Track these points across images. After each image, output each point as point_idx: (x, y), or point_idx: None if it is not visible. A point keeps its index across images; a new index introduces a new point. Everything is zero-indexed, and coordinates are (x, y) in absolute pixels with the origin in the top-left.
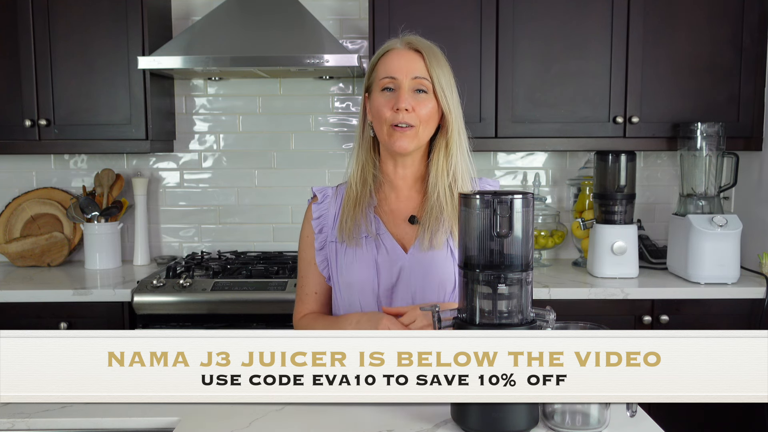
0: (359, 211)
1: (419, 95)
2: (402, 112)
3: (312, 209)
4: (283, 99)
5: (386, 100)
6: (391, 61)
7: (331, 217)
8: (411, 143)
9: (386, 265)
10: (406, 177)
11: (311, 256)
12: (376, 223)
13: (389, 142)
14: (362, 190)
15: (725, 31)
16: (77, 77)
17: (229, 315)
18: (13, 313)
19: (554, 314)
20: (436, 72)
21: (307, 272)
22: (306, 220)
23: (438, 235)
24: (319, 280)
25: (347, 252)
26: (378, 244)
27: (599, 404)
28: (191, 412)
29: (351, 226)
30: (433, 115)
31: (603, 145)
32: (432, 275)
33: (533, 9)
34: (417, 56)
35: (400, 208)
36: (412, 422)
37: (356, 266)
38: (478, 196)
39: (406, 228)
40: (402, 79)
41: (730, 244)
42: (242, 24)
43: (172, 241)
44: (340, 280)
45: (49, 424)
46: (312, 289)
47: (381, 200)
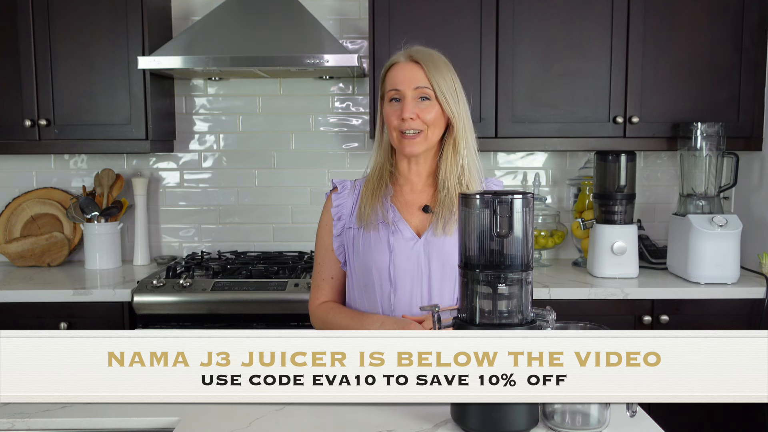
0: (377, 199)
1: (423, 102)
2: (407, 121)
3: (332, 198)
4: (283, 99)
5: (393, 110)
6: (395, 75)
7: (349, 207)
8: (420, 147)
9: (401, 248)
10: (420, 173)
11: (329, 243)
12: (393, 211)
13: (400, 147)
14: (379, 183)
15: (725, 31)
16: (77, 77)
17: (229, 315)
18: (13, 313)
19: (554, 314)
20: (437, 79)
21: (324, 258)
22: (325, 209)
23: (450, 223)
24: (336, 265)
25: (364, 236)
26: (394, 230)
27: (599, 404)
28: (191, 412)
29: (369, 212)
30: (438, 118)
31: (603, 145)
32: (444, 259)
33: (533, 9)
34: (417, 67)
35: (415, 200)
36: (412, 422)
37: (372, 249)
38: (478, 196)
39: (420, 216)
40: (405, 90)
41: (730, 244)
42: (242, 24)
43: (172, 241)
44: (356, 263)
45: (49, 424)
46: (328, 274)
47: (397, 192)
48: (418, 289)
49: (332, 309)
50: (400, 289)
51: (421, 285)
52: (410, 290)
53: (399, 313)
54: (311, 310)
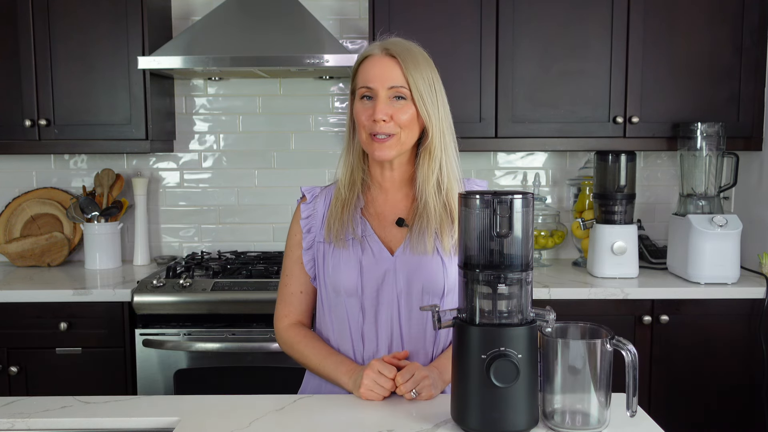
0: (346, 212)
1: (398, 102)
2: (379, 123)
3: (301, 209)
4: (283, 99)
5: (364, 108)
6: (368, 70)
7: (319, 218)
8: (392, 151)
9: (371, 267)
10: (393, 179)
11: (298, 255)
12: (363, 226)
13: (370, 150)
14: (350, 192)
15: (725, 31)
16: (77, 77)
17: (229, 315)
18: (13, 313)
19: (554, 314)
20: (414, 77)
21: (292, 271)
22: (294, 219)
23: (426, 238)
24: (305, 279)
25: (333, 253)
26: (364, 247)
27: (599, 404)
28: (191, 412)
29: (338, 227)
30: (413, 120)
31: (603, 145)
32: (418, 278)
33: (533, 9)
34: (393, 63)
35: (388, 211)
36: (412, 422)
37: (342, 268)
38: (478, 196)
39: (393, 230)
40: (378, 88)
41: (730, 244)
42: (242, 24)
43: (172, 241)
44: (327, 282)
45: (49, 424)
46: (297, 288)
47: (369, 202)
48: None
49: (303, 339)
50: (369, 313)
51: (392, 306)
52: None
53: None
54: (278, 329)
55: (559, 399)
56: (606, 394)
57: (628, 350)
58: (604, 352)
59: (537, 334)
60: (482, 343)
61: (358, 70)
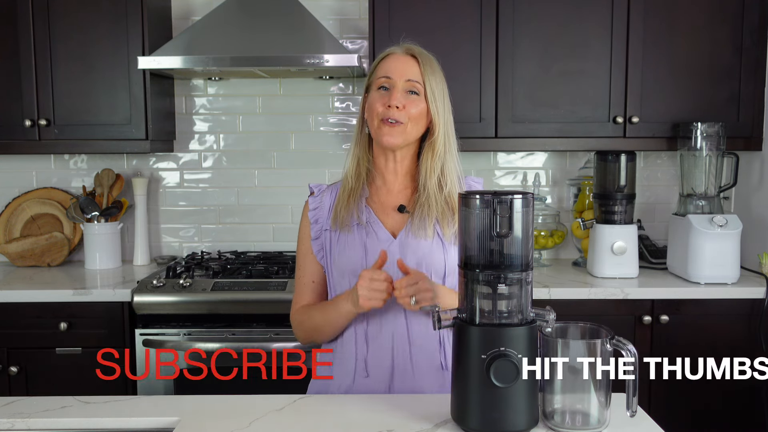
0: (352, 201)
1: (411, 96)
2: (393, 109)
3: (309, 202)
4: (283, 99)
5: (380, 96)
6: (389, 64)
7: (326, 209)
8: (398, 138)
9: (375, 249)
10: (396, 171)
11: (308, 247)
12: (367, 212)
13: (378, 135)
14: (356, 182)
15: (725, 32)
16: (77, 77)
17: (229, 315)
18: (13, 313)
19: (554, 314)
20: (429, 78)
21: (304, 262)
22: (304, 213)
23: (428, 226)
24: (316, 268)
25: (339, 238)
26: (368, 231)
27: (599, 404)
28: (191, 412)
29: (344, 214)
30: (422, 115)
31: (603, 145)
32: (420, 258)
33: (533, 9)
34: (413, 61)
35: (390, 200)
36: (412, 422)
37: (347, 251)
38: (478, 196)
39: (396, 217)
40: (396, 79)
41: (730, 244)
42: (242, 24)
43: (172, 241)
44: (333, 266)
45: (49, 424)
46: (309, 278)
47: (373, 192)
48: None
49: (306, 310)
50: None
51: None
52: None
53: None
54: (291, 315)
55: (559, 399)
56: (606, 394)
57: (628, 350)
58: (604, 352)
59: (537, 334)
60: (482, 343)
61: (378, 66)
